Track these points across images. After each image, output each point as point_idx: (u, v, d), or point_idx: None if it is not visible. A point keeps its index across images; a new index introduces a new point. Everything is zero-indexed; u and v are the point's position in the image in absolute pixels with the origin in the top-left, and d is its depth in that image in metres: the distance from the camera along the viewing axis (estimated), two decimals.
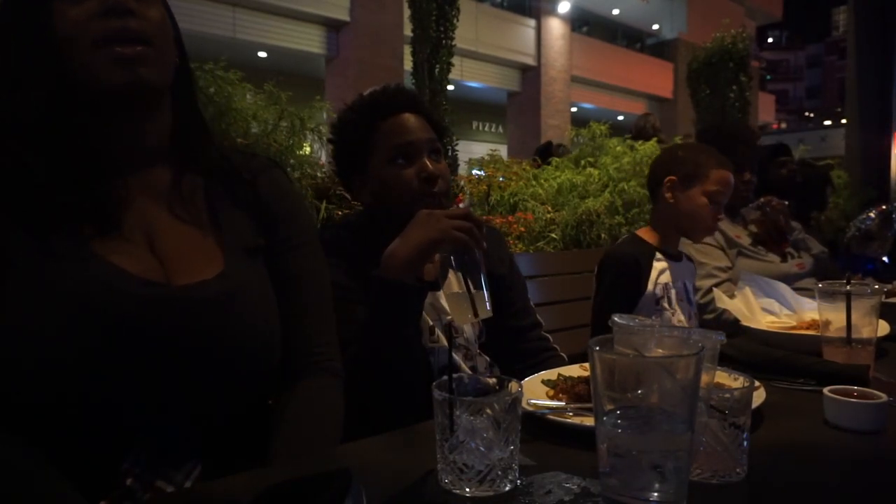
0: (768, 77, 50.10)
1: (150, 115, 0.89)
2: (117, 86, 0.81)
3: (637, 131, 5.21)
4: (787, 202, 2.47)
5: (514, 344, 1.42)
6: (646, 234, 1.84)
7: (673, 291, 1.76)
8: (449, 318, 1.29)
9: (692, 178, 1.75)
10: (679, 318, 1.77)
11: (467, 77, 14.36)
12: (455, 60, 6.50)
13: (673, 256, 1.81)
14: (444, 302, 1.30)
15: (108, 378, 0.78)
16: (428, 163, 1.25)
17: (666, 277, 1.75)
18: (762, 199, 2.42)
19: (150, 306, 0.80)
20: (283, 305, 0.96)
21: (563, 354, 1.45)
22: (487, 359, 1.37)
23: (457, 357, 1.29)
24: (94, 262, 0.79)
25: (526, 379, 1.08)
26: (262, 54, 11.96)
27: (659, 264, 1.75)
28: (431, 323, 1.29)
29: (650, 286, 1.72)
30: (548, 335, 1.48)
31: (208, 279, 0.86)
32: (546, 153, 5.32)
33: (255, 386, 0.93)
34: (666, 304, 1.74)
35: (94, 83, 0.81)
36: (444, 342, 1.27)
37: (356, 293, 1.18)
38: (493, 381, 0.77)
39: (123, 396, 0.79)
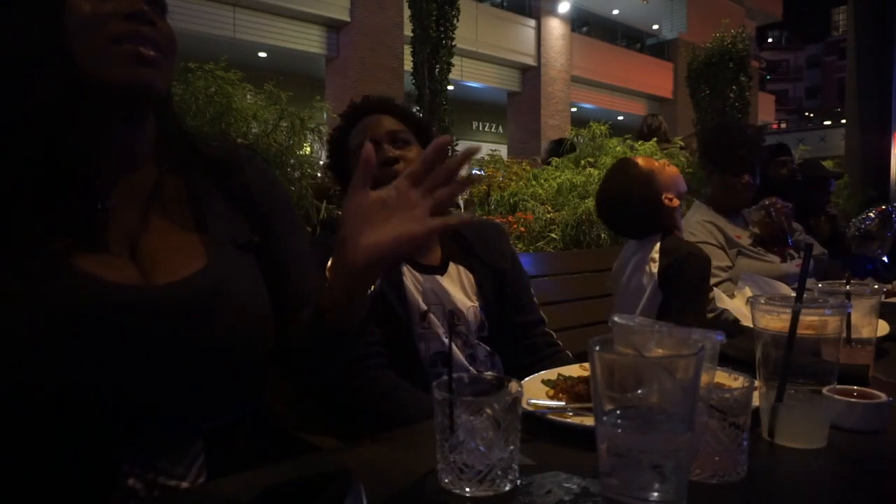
0: (768, 77, 50.09)
1: (142, 120, 0.90)
2: (129, 81, 0.81)
3: (637, 133, 5.21)
4: (790, 204, 2.45)
5: (519, 339, 1.45)
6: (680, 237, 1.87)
7: None
8: (450, 308, 1.33)
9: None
10: None
11: (467, 77, 14.37)
12: (455, 60, 6.51)
13: None
14: (445, 286, 1.34)
15: (101, 383, 0.78)
16: (386, 148, 1.37)
17: None
18: (766, 201, 2.40)
19: (127, 309, 0.80)
20: (281, 294, 0.97)
21: (567, 352, 1.48)
22: (488, 348, 1.38)
23: (454, 345, 1.32)
24: (69, 276, 0.79)
25: (526, 379, 1.09)
26: (262, 54, 11.97)
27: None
28: (424, 308, 1.31)
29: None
30: (551, 331, 1.50)
31: (190, 275, 0.86)
32: (557, 151, 5.27)
33: (250, 378, 0.93)
34: None
35: (105, 75, 0.81)
36: (436, 329, 1.31)
37: None
38: (492, 379, 0.77)
39: (119, 398, 0.79)
